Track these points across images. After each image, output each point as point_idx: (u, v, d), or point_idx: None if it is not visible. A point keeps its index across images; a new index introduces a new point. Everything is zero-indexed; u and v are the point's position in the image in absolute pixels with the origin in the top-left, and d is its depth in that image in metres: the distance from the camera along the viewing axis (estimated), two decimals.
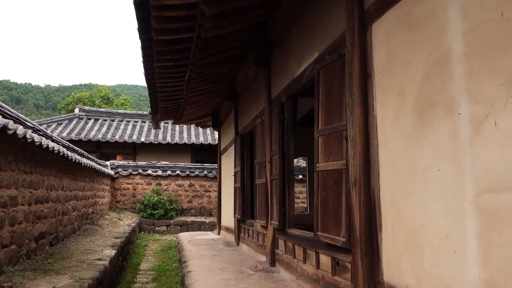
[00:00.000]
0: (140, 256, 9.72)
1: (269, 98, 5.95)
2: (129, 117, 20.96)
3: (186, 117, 10.88)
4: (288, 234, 5.05)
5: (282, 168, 5.22)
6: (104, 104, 32.28)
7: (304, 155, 10.81)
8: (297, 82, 4.77)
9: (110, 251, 6.57)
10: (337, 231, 3.44)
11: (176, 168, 15.99)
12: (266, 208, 5.98)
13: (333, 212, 3.53)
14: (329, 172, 3.63)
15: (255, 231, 6.97)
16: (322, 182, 3.77)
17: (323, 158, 3.77)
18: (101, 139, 17.94)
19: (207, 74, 7.31)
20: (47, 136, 6.27)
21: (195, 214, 15.75)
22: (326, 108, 3.76)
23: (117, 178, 15.30)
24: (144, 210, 14.83)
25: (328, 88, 3.75)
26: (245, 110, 7.96)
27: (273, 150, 5.58)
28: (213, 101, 9.69)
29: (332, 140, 3.61)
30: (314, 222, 3.88)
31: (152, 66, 6.88)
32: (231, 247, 8.30)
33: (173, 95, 8.53)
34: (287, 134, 5.22)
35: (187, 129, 20.08)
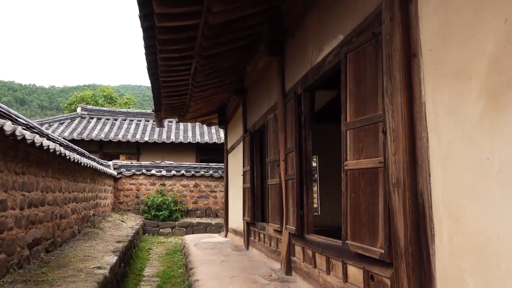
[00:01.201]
0: (143, 260, 9.25)
1: (282, 91, 5.43)
2: (132, 116, 20.51)
3: (191, 114, 10.39)
4: (307, 241, 4.53)
5: (299, 167, 4.71)
6: (107, 103, 31.88)
7: (314, 152, 10.30)
8: (317, 70, 4.26)
9: (111, 258, 6.09)
10: (372, 240, 2.93)
11: (180, 168, 15.51)
12: (280, 211, 5.47)
13: (367, 218, 3.02)
14: (361, 172, 3.12)
15: (267, 235, 6.46)
16: (351, 183, 3.26)
17: (353, 155, 3.26)
18: (104, 139, 17.49)
19: (214, 66, 6.81)
20: (42, 134, 5.80)
21: (201, 215, 15.27)
22: (356, 97, 3.25)
23: (120, 179, 14.84)
24: (148, 212, 14.36)
25: (358, 74, 3.24)
26: (255, 105, 7.46)
27: (288, 148, 5.07)
28: (219, 97, 9.19)
29: (365, 133, 3.10)
30: (343, 229, 3.37)
31: (155, 58, 6.39)
32: (240, 251, 7.80)
33: (177, 90, 8.05)
34: (304, 129, 4.71)
35: (191, 128, 19.60)
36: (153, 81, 7.59)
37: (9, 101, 58.56)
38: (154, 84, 7.80)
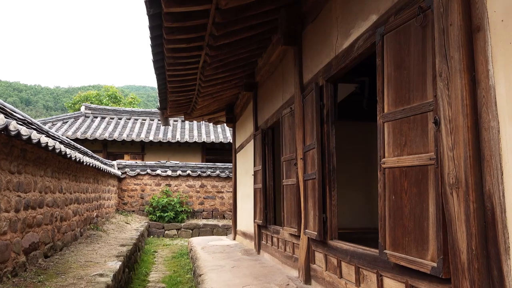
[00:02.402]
0: (148, 264, 8.83)
1: (300, 83, 4.99)
2: (137, 115, 20.12)
3: (198, 111, 9.98)
4: (331, 247, 4.09)
5: (321, 165, 4.26)
6: (111, 103, 31.52)
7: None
8: (343, 58, 3.82)
9: (114, 263, 5.67)
10: (420, 251, 2.48)
11: (186, 168, 15.09)
12: (298, 213, 5.03)
13: (412, 225, 2.57)
14: (404, 170, 2.67)
15: (282, 240, 6.02)
16: (391, 183, 2.81)
17: (393, 151, 2.81)
18: (108, 138, 17.11)
19: (224, 59, 6.39)
20: (40, 130, 5.38)
21: (207, 217, 14.84)
22: (397, 84, 2.80)
23: (124, 179, 14.45)
24: (153, 213, 13.95)
25: (399, 56, 2.79)
26: (267, 101, 7.02)
27: (307, 145, 4.63)
28: (228, 93, 8.77)
29: (408, 126, 2.65)
30: (380, 237, 2.92)
31: (161, 50, 5.99)
32: (251, 255, 7.36)
33: (184, 86, 7.64)
34: (326, 124, 4.26)
35: (197, 127, 19.19)
36: (159, 76, 7.18)
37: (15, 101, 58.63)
38: (160, 79, 7.40)
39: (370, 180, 9.27)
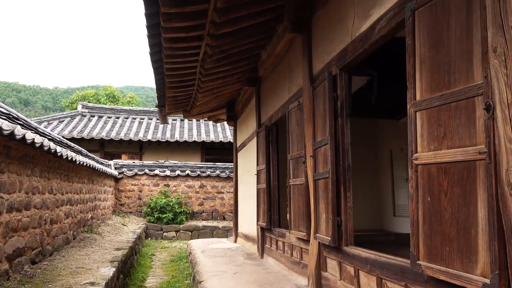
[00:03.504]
0: (146, 268, 8.40)
1: (310, 74, 4.58)
2: (134, 114, 19.68)
3: (198, 109, 9.57)
4: (347, 254, 3.67)
5: (335, 163, 3.85)
6: (109, 102, 31.10)
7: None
8: (361, 42, 3.40)
9: (107, 270, 5.24)
10: (467, 263, 2.07)
11: (185, 168, 14.66)
12: (307, 216, 4.62)
13: (455, 232, 2.16)
14: (443, 167, 2.26)
15: (288, 244, 5.60)
16: (426, 182, 2.39)
17: (428, 144, 2.40)
18: (105, 137, 16.67)
19: (225, 50, 5.97)
20: (28, 126, 4.96)
21: (207, 218, 14.41)
22: (433, 66, 2.39)
23: (121, 179, 14.02)
24: (151, 214, 13.52)
25: (434, 33, 2.38)
26: (271, 95, 6.60)
27: (318, 141, 4.22)
28: (229, 89, 8.35)
29: (449, 114, 2.24)
30: (411, 245, 2.50)
31: (159, 41, 5.58)
32: (254, 260, 6.94)
33: (183, 80, 7.22)
34: (341, 117, 3.85)
35: (196, 126, 18.77)
36: (156, 70, 6.77)
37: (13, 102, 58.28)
38: (157, 74, 6.99)
39: (376, 178, 8.88)
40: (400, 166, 8.38)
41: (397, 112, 7.85)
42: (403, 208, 8.31)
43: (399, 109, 7.74)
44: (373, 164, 8.78)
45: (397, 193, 8.53)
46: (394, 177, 8.62)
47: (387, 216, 8.73)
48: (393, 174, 8.62)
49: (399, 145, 8.29)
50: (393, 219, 8.52)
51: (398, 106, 7.66)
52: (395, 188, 8.59)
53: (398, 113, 7.86)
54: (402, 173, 8.32)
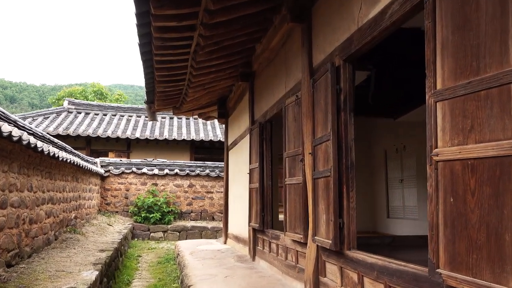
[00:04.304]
0: (131, 270, 8.05)
1: (309, 66, 4.31)
2: (122, 111, 19.23)
3: (188, 105, 9.25)
4: (349, 259, 3.40)
5: (337, 160, 3.58)
6: (97, 99, 30.54)
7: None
8: (369, 30, 3.14)
9: (90, 273, 4.91)
10: (499, 273, 1.81)
11: (174, 167, 14.30)
12: (304, 217, 4.34)
13: (484, 238, 1.90)
14: (471, 163, 1.99)
15: (282, 246, 5.32)
16: (449, 181, 2.13)
17: (451, 138, 2.13)
18: (92, 135, 16.23)
19: (219, 42, 5.67)
20: (5, 118, 4.61)
21: (196, 218, 14.06)
22: (457, 50, 2.12)
23: (108, 177, 13.60)
24: (138, 214, 13.13)
25: (460, 14, 2.12)
26: (265, 91, 6.32)
27: (318, 137, 3.94)
28: (222, 84, 8.05)
29: (477, 104, 1.98)
30: (430, 251, 2.24)
31: (149, 31, 5.28)
32: (245, 263, 6.65)
33: (174, 75, 6.91)
34: (344, 111, 3.58)
35: (186, 124, 18.40)
36: (145, 62, 6.45)
37: None
38: (146, 67, 6.67)
39: (370, 179, 8.67)
40: (394, 167, 8.18)
41: (394, 111, 7.65)
42: (397, 209, 8.11)
43: (397, 108, 7.56)
44: (367, 165, 8.56)
45: (391, 194, 8.33)
46: (388, 178, 8.42)
47: (381, 218, 8.53)
48: (387, 175, 8.41)
49: (394, 145, 8.08)
50: (387, 220, 8.32)
51: (395, 105, 7.47)
52: (389, 189, 8.39)
53: (395, 112, 7.66)
54: (396, 174, 8.11)
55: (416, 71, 6.13)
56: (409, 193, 7.76)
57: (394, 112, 7.68)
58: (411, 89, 6.67)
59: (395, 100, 7.15)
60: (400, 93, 6.88)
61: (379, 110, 7.61)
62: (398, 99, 7.10)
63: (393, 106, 7.44)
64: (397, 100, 7.14)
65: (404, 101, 7.08)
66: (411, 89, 6.68)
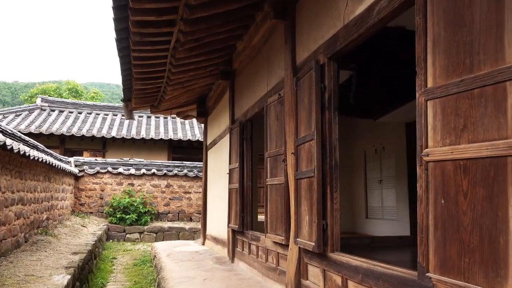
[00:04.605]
0: (106, 273, 7.79)
1: (293, 64, 4.22)
2: (98, 109, 18.77)
3: (167, 103, 9.04)
4: (332, 261, 3.32)
5: (321, 160, 3.50)
6: (72, 97, 29.73)
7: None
8: (355, 27, 3.06)
9: (61, 277, 4.68)
10: (493, 278, 1.74)
11: (151, 166, 14.02)
12: (286, 218, 4.25)
13: (477, 240, 1.83)
14: (463, 164, 1.93)
15: (262, 248, 5.22)
16: (440, 182, 2.06)
17: (443, 138, 2.07)
18: (66, 133, 15.75)
19: (199, 38, 5.53)
20: None
21: (173, 219, 13.82)
22: (449, 47, 2.06)
23: (82, 177, 13.21)
24: (113, 215, 12.80)
25: (453, 9, 2.05)
26: (246, 89, 6.21)
27: (302, 136, 3.86)
28: (201, 82, 7.89)
29: (471, 102, 1.91)
30: (420, 254, 2.17)
31: (126, 26, 5.10)
32: (224, 265, 6.51)
33: (152, 72, 6.72)
34: (329, 110, 3.50)
35: (164, 124, 18.10)
36: (122, 59, 6.25)
37: None
38: (124, 64, 6.47)
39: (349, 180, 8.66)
40: (373, 168, 8.20)
41: (375, 111, 7.65)
42: (376, 210, 8.13)
43: (377, 108, 7.56)
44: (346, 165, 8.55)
45: (370, 194, 8.35)
46: (367, 179, 8.43)
47: (359, 218, 8.53)
48: (366, 175, 8.43)
49: (373, 146, 8.10)
50: (365, 221, 8.33)
51: (376, 105, 7.48)
52: (368, 189, 8.40)
53: (376, 113, 7.67)
54: (375, 175, 8.13)
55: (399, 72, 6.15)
56: (388, 194, 7.78)
57: (374, 113, 7.69)
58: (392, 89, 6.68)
59: (376, 100, 7.15)
60: (382, 93, 6.88)
61: (360, 110, 7.61)
62: (379, 99, 7.10)
63: (374, 107, 7.44)
64: (378, 101, 7.14)
65: (385, 102, 7.09)
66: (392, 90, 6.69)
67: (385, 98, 7.00)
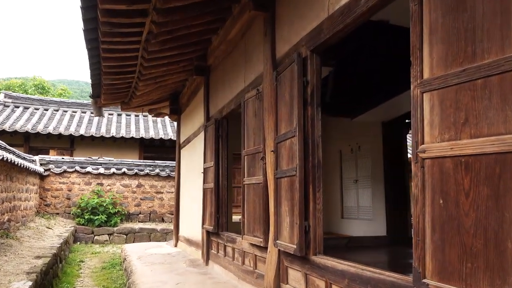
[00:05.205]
0: (72, 278, 7.39)
1: (272, 58, 4.03)
2: (66, 106, 18.05)
3: (138, 100, 8.69)
4: (315, 265, 3.15)
5: (303, 158, 3.32)
6: (38, 93, 28.61)
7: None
8: (341, 17, 2.90)
9: (22, 285, 4.33)
10: (500, 285, 1.60)
11: (122, 165, 13.54)
12: (265, 219, 4.06)
13: (480, 244, 1.68)
14: (465, 161, 1.78)
15: (239, 250, 5.00)
16: (438, 181, 1.91)
17: (441, 132, 1.91)
18: (31, 131, 15.04)
19: (173, 30, 5.27)
20: None
21: (144, 220, 13.40)
22: (448, 35, 1.91)
23: (48, 176, 12.61)
24: (81, 216, 12.26)
25: None
26: (222, 86, 5.98)
27: (282, 133, 3.67)
28: (174, 78, 7.60)
29: (473, 94, 1.77)
30: (415, 259, 2.01)
31: (95, 16, 4.79)
32: (198, 267, 6.26)
33: (123, 66, 6.41)
34: (311, 106, 3.33)
35: (135, 122, 17.58)
36: (90, 51, 5.93)
37: None
38: (92, 56, 6.14)
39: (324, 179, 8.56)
40: (349, 167, 8.12)
41: (352, 110, 7.56)
42: (352, 210, 8.05)
43: (354, 107, 7.48)
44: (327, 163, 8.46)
45: (346, 194, 8.26)
46: (343, 178, 8.36)
47: (335, 218, 8.43)
48: (342, 175, 8.35)
49: (349, 145, 8.02)
50: (341, 221, 8.24)
51: (353, 104, 7.39)
52: (343, 189, 8.32)
53: (353, 111, 7.58)
54: (351, 174, 8.05)
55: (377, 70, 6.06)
56: (364, 194, 7.71)
57: (351, 112, 7.60)
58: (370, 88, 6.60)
59: (353, 99, 7.06)
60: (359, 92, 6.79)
61: (337, 109, 7.51)
62: (356, 98, 7.01)
63: (351, 106, 7.35)
64: (356, 99, 7.06)
65: (363, 101, 7.01)
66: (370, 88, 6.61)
67: (362, 96, 6.92)
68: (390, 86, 6.24)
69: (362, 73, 6.24)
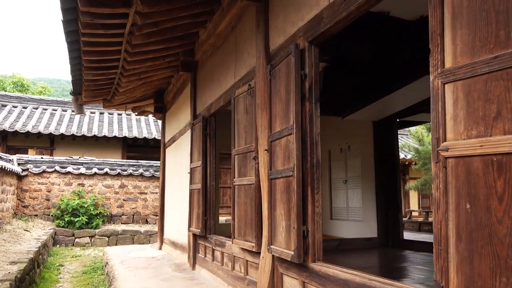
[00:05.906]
0: (51, 283, 7.01)
1: (266, 51, 3.78)
2: (46, 104, 17.49)
3: (121, 97, 8.36)
4: (315, 273, 2.91)
5: (301, 157, 3.08)
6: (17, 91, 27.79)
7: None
8: (344, 4, 2.67)
9: None
10: None
11: (104, 165, 13.12)
12: (257, 223, 3.81)
13: None
14: (497, 160, 1.56)
15: (228, 255, 4.74)
16: (463, 183, 1.69)
17: (467, 128, 1.69)
18: (8, 129, 14.49)
19: (158, 22, 4.99)
20: None
21: (127, 222, 13.00)
22: (474, 19, 1.69)
23: (26, 177, 12.12)
24: (61, 217, 11.80)
25: None
26: (211, 82, 5.71)
27: (277, 131, 3.42)
28: (160, 74, 7.30)
29: (506, 84, 1.55)
30: (437, 270, 1.78)
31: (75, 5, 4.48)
32: (184, 272, 5.98)
33: (105, 60, 6.11)
34: (309, 101, 3.10)
35: (118, 120, 17.13)
36: (70, 44, 5.61)
37: None
38: (72, 50, 5.83)
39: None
40: (338, 167, 7.94)
41: (343, 109, 7.38)
42: (341, 211, 7.88)
43: (345, 106, 7.29)
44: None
45: (335, 195, 8.09)
46: (332, 179, 8.18)
47: (324, 219, 8.24)
48: (330, 175, 8.17)
49: (338, 145, 7.84)
50: (330, 222, 8.07)
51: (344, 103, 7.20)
52: (332, 190, 8.15)
53: (344, 110, 7.39)
54: (340, 175, 7.88)
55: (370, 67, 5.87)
56: (354, 194, 7.54)
57: (342, 110, 7.41)
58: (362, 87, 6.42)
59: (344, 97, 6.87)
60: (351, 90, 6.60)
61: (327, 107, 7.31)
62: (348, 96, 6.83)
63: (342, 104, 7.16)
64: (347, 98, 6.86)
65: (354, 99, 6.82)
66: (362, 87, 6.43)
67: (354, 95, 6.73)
68: (382, 84, 6.06)
69: (355, 70, 6.05)
